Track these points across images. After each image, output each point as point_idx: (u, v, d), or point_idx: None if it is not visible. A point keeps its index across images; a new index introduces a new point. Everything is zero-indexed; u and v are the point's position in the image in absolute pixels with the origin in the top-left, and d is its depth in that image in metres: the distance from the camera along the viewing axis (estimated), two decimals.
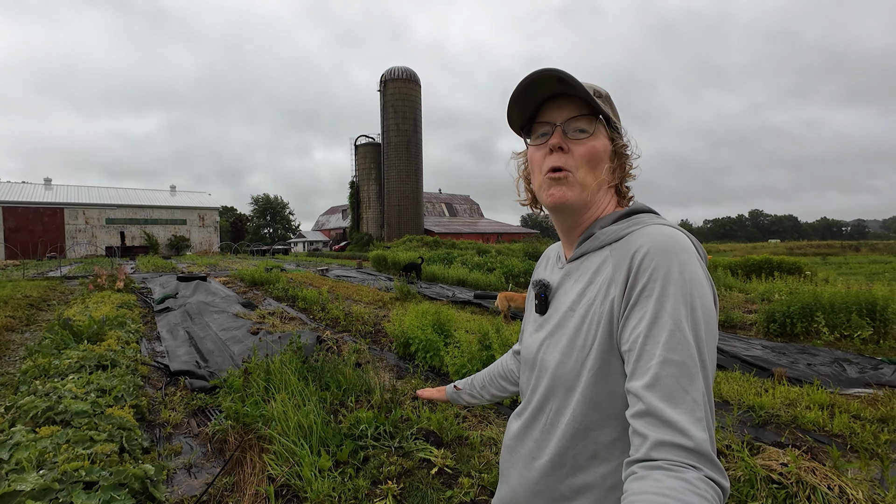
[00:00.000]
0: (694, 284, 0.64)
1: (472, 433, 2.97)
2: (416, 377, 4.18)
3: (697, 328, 0.62)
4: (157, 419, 3.41)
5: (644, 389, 0.60)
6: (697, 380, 0.59)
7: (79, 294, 9.36)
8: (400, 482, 2.36)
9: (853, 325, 5.33)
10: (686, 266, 0.65)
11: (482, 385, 1.17)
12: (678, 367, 0.59)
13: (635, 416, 0.60)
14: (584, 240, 0.79)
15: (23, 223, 37.25)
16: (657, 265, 0.65)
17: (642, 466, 0.56)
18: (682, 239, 0.68)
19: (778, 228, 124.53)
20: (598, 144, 0.77)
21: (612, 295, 0.69)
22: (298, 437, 2.58)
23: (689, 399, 0.58)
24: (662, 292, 0.63)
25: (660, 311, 0.62)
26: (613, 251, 0.73)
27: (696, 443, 0.55)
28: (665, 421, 0.57)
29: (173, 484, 2.59)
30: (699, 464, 0.54)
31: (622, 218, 0.77)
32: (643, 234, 0.70)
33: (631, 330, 0.65)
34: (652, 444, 0.56)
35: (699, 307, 0.63)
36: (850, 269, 18.30)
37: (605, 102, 0.79)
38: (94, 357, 4.05)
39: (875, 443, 2.86)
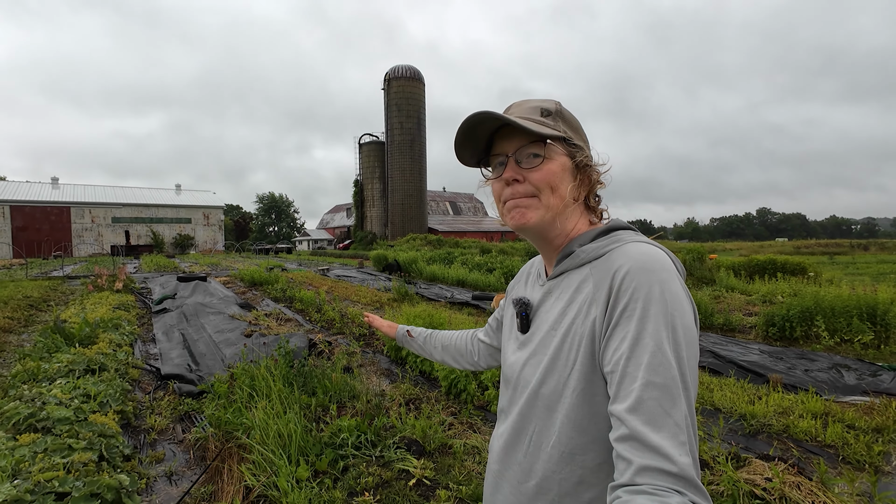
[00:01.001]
0: (674, 304, 0.64)
1: (455, 441, 2.94)
2: (406, 382, 4.15)
3: (679, 348, 0.62)
4: (142, 425, 3.40)
5: (627, 413, 0.60)
6: (679, 402, 0.59)
7: (79, 295, 9.42)
8: (377, 494, 2.33)
9: (854, 329, 5.23)
10: (666, 285, 0.65)
11: (435, 346, 1.22)
12: (660, 389, 0.59)
13: (619, 440, 0.60)
14: (564, 257, 0.78)
15: (30, 222, 37.64)
16: (638, 285, 0.65)
17: (626, 491, 0.56)
18: (662, 257, 0.69)
19: (786, 227, 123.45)
20: (552, 167, 0.76)
21: (594, 315, 0.69)
22: (277, 447, 2.56)
23: (672, 423, 0.58)
24: (644, 313, 0.63)
25: (641, 332, 0.63)
26: (594, 269, 0.73)
27: (679, 468, 0.55)
28: (648, 446, 0.57)
29: (153, 492, 2.58)
30: (683, 489, 0.54)
31: (601, 235, 0.77)
32: (623, 253, 0.70)
33: (613, 351, 0.65)
34: (636, 469, 0.56)
35: (680, 327, 0.63)
36: (857, 270, 18.07)
37: (555, 119, 0.78)
38: (84, 361, 4.06)
39: (868, 454, 2.80)
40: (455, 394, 3.76)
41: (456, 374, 3.75)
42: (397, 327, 1.31)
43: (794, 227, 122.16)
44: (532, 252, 18.23)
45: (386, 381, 4.38)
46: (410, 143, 42.46)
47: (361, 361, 4.97)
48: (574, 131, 0.79)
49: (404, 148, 42.39)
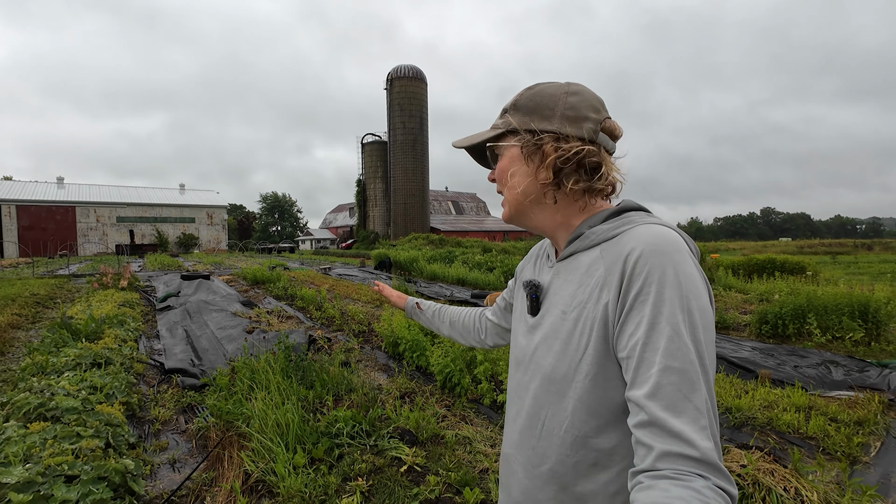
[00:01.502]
0: (689, 286, 0.63)
1: (448, 432, 3.04)
2: (402, 376, 4.25)
3: (696, 331, 0.61)
4: (147, 416, 3.52)
5: (646, 399, 0.59)
6: (699, 386, 0.59)
7: (85, 292, 9.58)
8: (370, 479, 2.44)
9: (845, 327, 5.31)
10: (680, 267, 0.64)
11: (443, 320, 1.23)
12: (679, 374, 0.59)
13: (638, 425, 0.60)
14: (574, 239, 0.77)
15: (36, 221, 37.98)
16: (651, 268, 0.64)
17: (648, 476, 0.56)
18: (675, 238, 0.67)
19: (790, 226, 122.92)
20: (501, 163, 0.81)
21: (606, 299, 0.68)
22: (275, 435, 2.67)
23: (692, 407, 0.57)
24: (658, 297, 0.62)
25: (657, 316, 0.62)
26: (604, 251, 0.71)
27: (701, 452, 0.55)
28: (669, 431, 0.56)
29: (156, 478, 2.70)
30: (706, 472, 0.54)
31: (612, 216, 0.76)
32: (635, 235, 0.68)
33: (628, 336, 0.64)
34: (658, 454, 0.56)
35: (696, 309, 0.62)
36: (858, 269, 18.07)
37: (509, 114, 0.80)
38: (90, 355, 4.18)
39: (847, 445, 2.89)
40: (450, 388, 3.87)
41: (451, 369, 3.85)
42: (406, 298, 1.31)
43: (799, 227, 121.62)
44: None
45: (383, 375, 4.49)
46: (413, 142, 42.59)
47: (360, 357, 5.08)
48: (528, 114, 0.77)
49: (406, 147, 42.52)
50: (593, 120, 0.75)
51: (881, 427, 3.17)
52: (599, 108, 0.77)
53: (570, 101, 0.76)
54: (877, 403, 3.42)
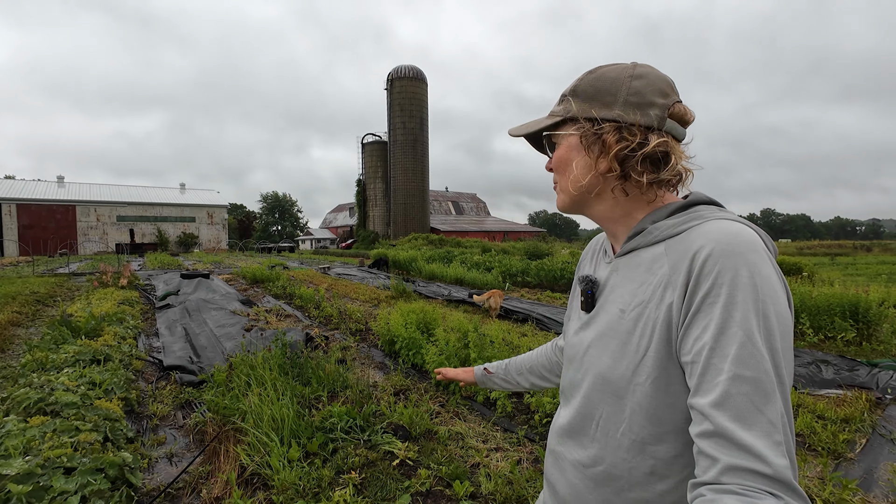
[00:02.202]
0: (766, 289, 0.58)
1: (441, 428, 3.10)
2: (397, 374, 4.31)
3: (772, 339, 0.56)
4: (145, 411, 3.58)
5: (711, 408, 0.55)
6: (774, 398, 0.54)
7: (85, 291, 9.64)
8: (362, 472, 2.49)
9: (836, 327, 5.36)
10: (756, 268, 0.58)
11: (519, 371, 1.13)
12: (751, 384, 0.54)
13: (701, 435, 0.56)
14: (635, 234, 0.73)
15: (36, 220, 38.07)
16: (722, 268, 0.59)
17: (711, 489, 0.52)
18: (750, 236, 0.62)
19: (790, 228, 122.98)
20: (559, 152, 0.77)
21: (670, 299, 0.64)
22: (270, 430, 2.73)
23: (765, 420, 0.53)
24: (730, 299, 0.57)
25: (727, 320, 0.57)
26: (669, 249, 0.67)
27: (774, 469, 0.50)
28: (738, 444, 0.52)
29: (154, 472, 2.75)
30: (780, 492, 0.49)
31: (679, 210, 0.70)
32: (704, 232, 0.63)
33: (694, 340, 0.60)
34: (723, 467, 0.52)
35: (773, 315, 0.57)
36: (856, 270, 18.12)
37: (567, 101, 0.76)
38: (90, 352, 4.24)
39: (833, 442, 2.94)
40: (444, 385, 3.92)
41: (444, 367, 3.90)
42: (473, 370, 1.20)
43: (799, 228, 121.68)
44: (531, 252, 18.37)
45: (379, 373, 4.55)
46: (413, 142, 42.66)
47: (356, 355, 5.13)
48: (587, 101, 0.73)
49: (407, 148, 42.60)
50: (660, 106, 0.70)
51: (867, 424, 3.22)
52: (668, 92, 0.71)
53: (635, 85, 0.70)
54: (864, 401, 3.47)
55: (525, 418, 3.33)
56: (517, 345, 5.26)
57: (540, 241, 28.82)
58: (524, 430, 3.11)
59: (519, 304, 8.25)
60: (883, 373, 4.19)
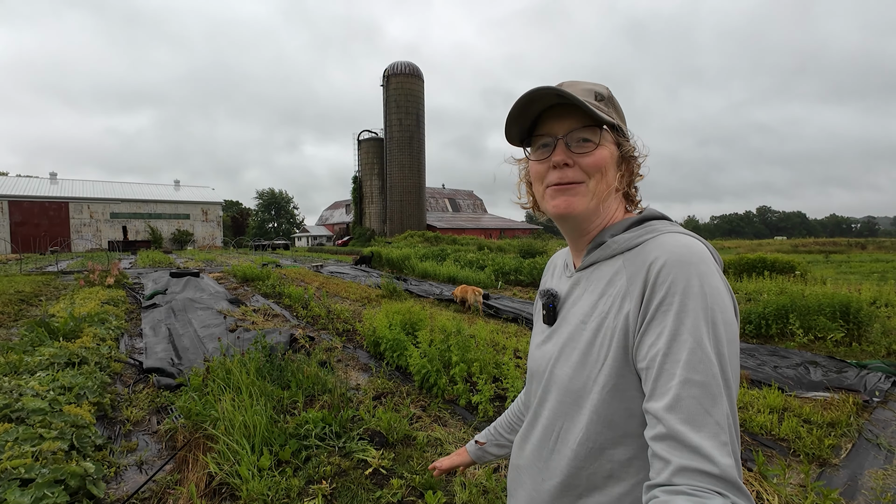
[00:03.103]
0: (715, 298, 0.61)
1: (420, 434, 3.03)
2: (381, 376, 4.24)
3: (720, 345, 0.60)
4: (119, 416, 3.49)
5: (664, 411, 0.58)
6: (721, 401, 0.57)
7: (71, 290, 9.51)
8: (333, 482, 2.42)
9: (826, 327, 5.32)
10: (705, 278, 0.62)
11: (510, 429, 1.06)
12: (700, 387, 0.57)
13: (655, 438, 0.58)
14: (595, 248, 0.76)
15: (28, 217, 37.74)
16: (675, 278, 0.62)
17: (664, 491, 0.55)
18: (700, 249, 0.66)
19: (786, 225, 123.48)
20: (604, 153, 0.73)
21: (627, 309, 0.67)
22: (242, 437, 2.65)
23: (713, 422, 0.56)
24: (682, 307, 0.61)
25: (679, 327, 0.60)
26: (627, 261, 0.70)
27: (721, 469, 0.53)
28: (687, 445, 0.55)
29: (122, 480, 2.67)
30: (725, 490, 0.52)
31: (634, 225, 0.74)
32: (659, 244, 0.67)
33: (648, 347, 0.63)
34: (675, 469, 0.55)
35: (721, 322, 0.61)
36: (849, 268, 18.14)
37: (607, 105, 0.75)
38: (66, 355, 4.15)
39: (818, 447, 2.88)
40: (427, 388, 3.85)
41: (428, 370, 3.83)
42: (466, 451, 1.12)
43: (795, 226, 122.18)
44: (525, 250, 18.30)
45: (364, 375, 4.47)
46: (409, 139, 42.49)
47: (341, 356, 5.06)
48: (622, 120, 0.77)
49: (403, 145, 42.43)
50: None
51: (853, 429, 3.17)
52: None
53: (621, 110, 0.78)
54: (851, 405, 3.42)
55: None
56: (504, 346, 5.20)
57: (535, 239, 28.75)
58: None
59: (510, 303, 8.18)
60: (871, 374, 4.14)
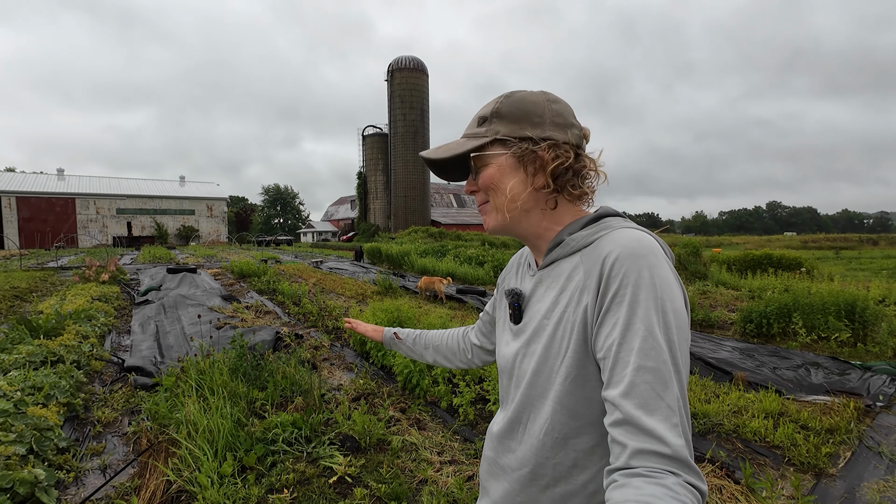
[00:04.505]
0: (664, 288, 0.64)
1: (395, 438, 2.90)
2: (364, 376, 4.12)
3: (669, 332, 0.62)
4: (90, 417, 3.40)
5: (621, 398, 0.60)
6: (671, 385, 0.59)
7: (67, 286, 9.49)
8: (295, 491, 2.30)
9: (830, 326, 5.12)
10: (655, 270, 0.65)
11: (426, 346, 1.19)
12: (652, 373, 0.59)
13: (613, 424, 0.61)
14: (554, 246, 0.78)
15: (36, 213, 38.07)
16: (627, 270, 0.65)
17: (622, 474, 0.57)
18: (650, 242, 0.69)
19: (796, 221, 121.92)
20: (489, 171, 0.79)
21: (585, 301, 0.69)
22: (205, 441, 2.54)
23: (665, 405, 0.58)
24: (634, 298, 0.63)
25: (632, 317, 0.63)
26: (584, 257, 0.73)
27: (673, 449, 0.56)
28: (642, 429, 0.57)
29: (82, 485, 2.57)
30: (677, 469, 0.55)
31: (591, 223, 0.77)
32: (612, 239, 0.70)
33: (605, 337, 0.65)
34: (631, 452, 0.57)
35: (670, 311, 0.63)
36: (860, 265, 17.79)
37: (490, 123, 0.79)
38: (43, 353, 4.07)
39: (814, 455, 2.72)
40: (410, 389, 3.73)
41: (411, 369, 3.71)
42: (383, 330, 1.26)
43: (805, 221, 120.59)
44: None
45: (349, 374, 4.36)
46: (413, 134, 42.28)
47: (328, 355, 4.94)
48: (515, 122, 0.77)
49: (407, 140, 42.23)
50: (577, 126, 0.78)
51: (853, 436, 3.00)
52: (574, 116, 0.80)
53: (555, 108, 0.77)
54: (852, 410, 3.25)
55: (487, 427, 3.13)
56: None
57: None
58: (484, 440, 2.91)
59: None
60: (875, 377, 3.96)
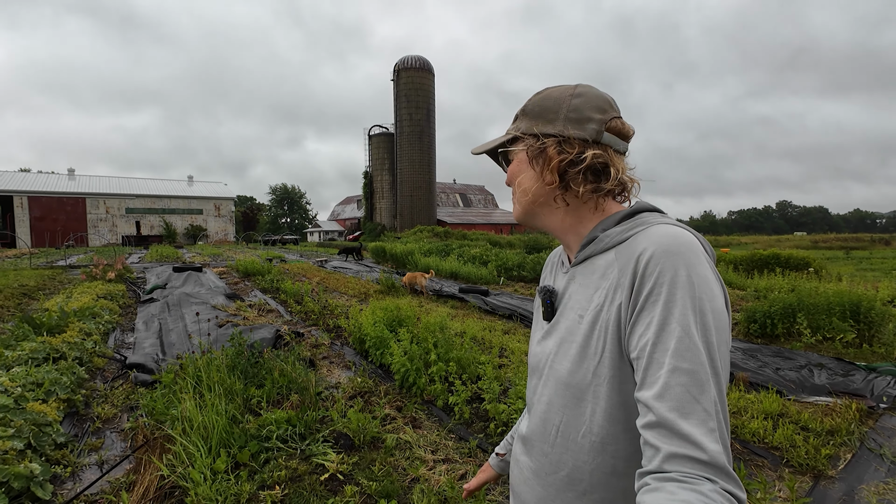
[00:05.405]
0: (702, 287, 0.62)
1: (389, 436, 2.90)
2: (362, 374, 4.12)
3: (707, 333, 0.60)
4: (90, 413, 3.44)
5: (654, 400, 0.58)
6: (709, 388, 0.57)
7: (74, 284, 9.60)
8: (287, 487, 2.31)
9: (835, 327, 5.05)
10: (693, 268, 0.62)
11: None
12: (688, 375, 0.57)
13: (646, 426, 0.59)
14: (588, 243, 0.77)
15: (47, 212, 38.60)
16: (663, 268, 0.63)
17: (655, 478, 0.55)
18: (689, 239, 0.66)
19: (807, 220, 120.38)
20: (511, 167, 0.82)
21: (619, 300, 0.67)
22: (199, 438, 2.55)
23: (701, 409, 0.56)
24: (669, 297, 0.61)
25: (667, 316, 0.60)
26: (618, 254, 0.71)
27: (709, 455, 0.53)
28: (677, 433, 0.55)
29: (79, 480, 2.59)
30: (714, 476, 0.53)
31: (626, 218, 0.75)
32: (647, 236, 0.68)
33: (638, 337, 0.63)
34: (665, 456, 0.55)
35: (709, 311, 0.61)
36: (870, 265, 17.51)
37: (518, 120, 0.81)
38: (46, 350, 4.12)
39: (814, 457, 2.68)
40: (407, 387, 3.73)
41: (407, 368, 3.71)
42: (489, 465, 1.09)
43: (816, 221, 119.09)
44: (531, 245, 18.07)
45: (347, 372, 4.37)
46: (419, 134, 42.31)
47: (328, 353, 4.96)
48: (534, 119, 0.78)
49: (413, 140, 42.27)
50: (597, 121, 0.75)
51: (855, 437, 2.95)
52: (606, 108, 0.76)
53: (574, 103, 0.76)
54: (854, 411, 3.20)
55: (482, 426, 3.12)
56: (494, 344, 5.05)
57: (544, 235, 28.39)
58: (479, 438, 2.91)
59: (509, 299, 8.01)
60: (880, 378, 3.90)
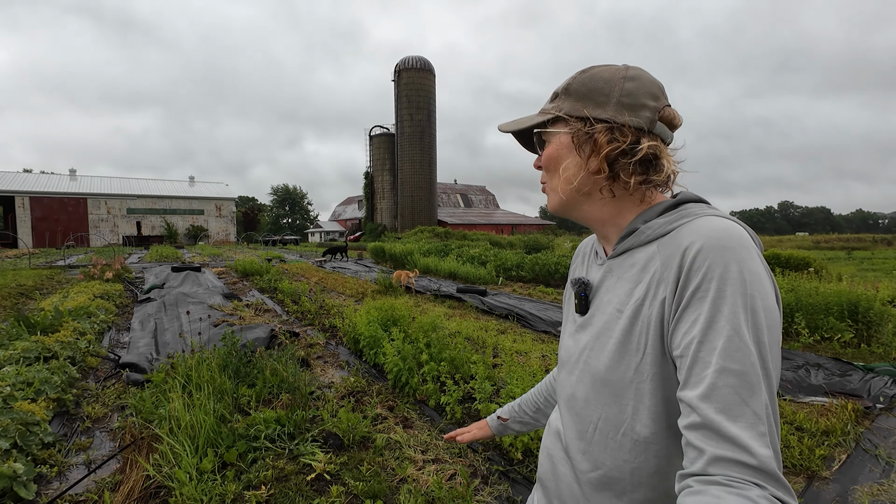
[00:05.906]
0: (754, 284, 0.58)
1: (379, 436, 2.88)
2: (356, 374, 4.10)
3: (759, 333, 0.57)
4: (80, 413, 3.42)
5: (699, 400, 0.56)
6: (759, 390, 0.55)
7: (72, 283, 9.60)
8: (272, 488, 2.29)
9: (833, 327, 5.01)
10: (745, 263, 0.59)
11: (535, 408, 1.07)
12: (737, 376, 0.55)
13: (689, 427, 0.57)
14: (627, 235, 0.73)
15: (49, 213, 38.70)
16: (712, 263, 0.59)
17: (698, 481, 0.53)
18: (739, 232, 0.62)
19: (809, 221, 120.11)
20: (549, 150, 0.76)
21: (662, 295, 0.64)
22: (186, 437, 2.53)
23: (750, 412, 0.53)
24: (718, 293, 0.58)
25: (715, 314, 0.57)
26: (661, 247, 0.67)
27: (759, 460, 0.51)
28: (724, 435, 0.53)
29: (66, 480, 2.57)
30: (764, 482, 0.50)
31: (669, 209, 0.71)
32: (694, 228, 0.64)
33: (683, 334, 0.60)
34: (709, 458, 0.53)
35: (761, 309, 0.58)
36: (872, 265, 17.45)
37: (560, 99, 0.75)
38: (38, 349, 4.10)
39: (808, 458, 2.65)
40: (400, 387, 3.70)
41: (400, 368, 3.68)
42: (486, 423, 1.13)
43: (818, 222, 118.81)
44: (531, 245, 18.03)
45: (341, 372, 4.35)
46: (420, 135, 42.33)
47: (322, 353, 4.94)
48: (580, 100, 0.72)
49: (414, 140, 42.29)
50: (651, 108, 0.70)
51: (850, 438, 2.92)
52: (658, 95, 0.71)
53: (627, 86, 0.70)
54: (850, 411, 3.17)
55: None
56: (489, 343, 5.02)
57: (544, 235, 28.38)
58: None
59: (507, 299, 7.99)
60: (877, 379, 3.86)
